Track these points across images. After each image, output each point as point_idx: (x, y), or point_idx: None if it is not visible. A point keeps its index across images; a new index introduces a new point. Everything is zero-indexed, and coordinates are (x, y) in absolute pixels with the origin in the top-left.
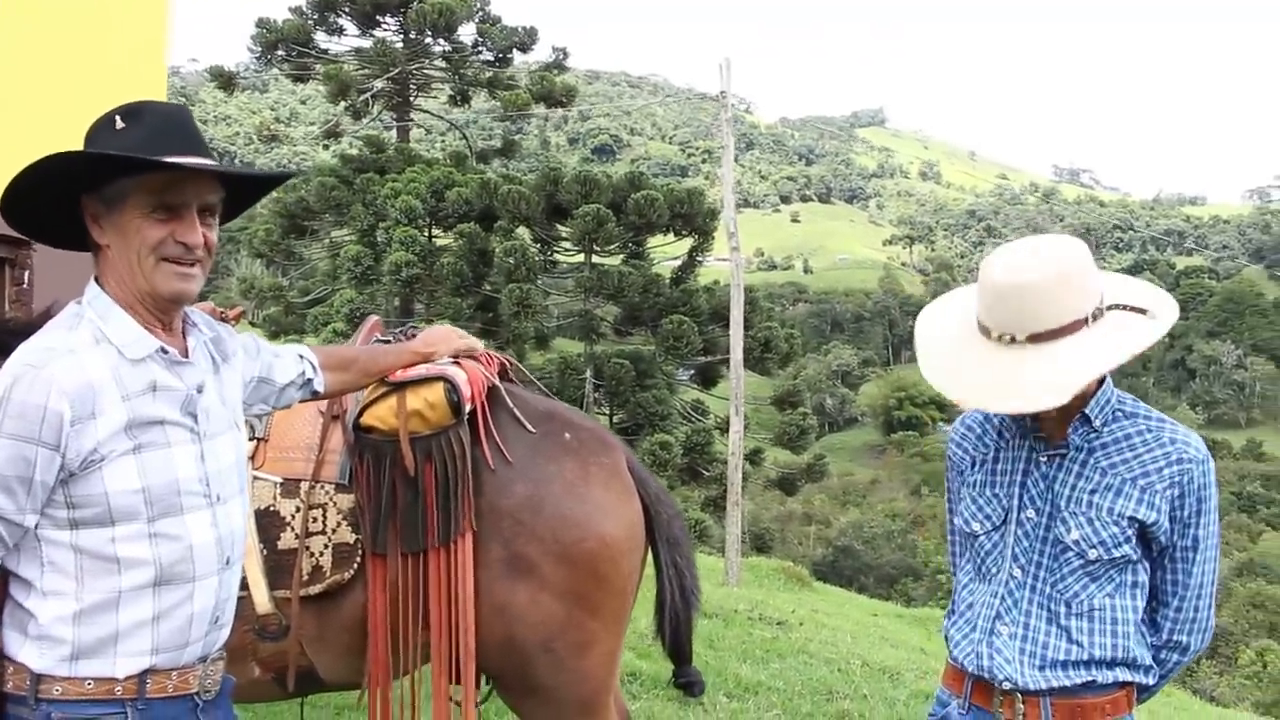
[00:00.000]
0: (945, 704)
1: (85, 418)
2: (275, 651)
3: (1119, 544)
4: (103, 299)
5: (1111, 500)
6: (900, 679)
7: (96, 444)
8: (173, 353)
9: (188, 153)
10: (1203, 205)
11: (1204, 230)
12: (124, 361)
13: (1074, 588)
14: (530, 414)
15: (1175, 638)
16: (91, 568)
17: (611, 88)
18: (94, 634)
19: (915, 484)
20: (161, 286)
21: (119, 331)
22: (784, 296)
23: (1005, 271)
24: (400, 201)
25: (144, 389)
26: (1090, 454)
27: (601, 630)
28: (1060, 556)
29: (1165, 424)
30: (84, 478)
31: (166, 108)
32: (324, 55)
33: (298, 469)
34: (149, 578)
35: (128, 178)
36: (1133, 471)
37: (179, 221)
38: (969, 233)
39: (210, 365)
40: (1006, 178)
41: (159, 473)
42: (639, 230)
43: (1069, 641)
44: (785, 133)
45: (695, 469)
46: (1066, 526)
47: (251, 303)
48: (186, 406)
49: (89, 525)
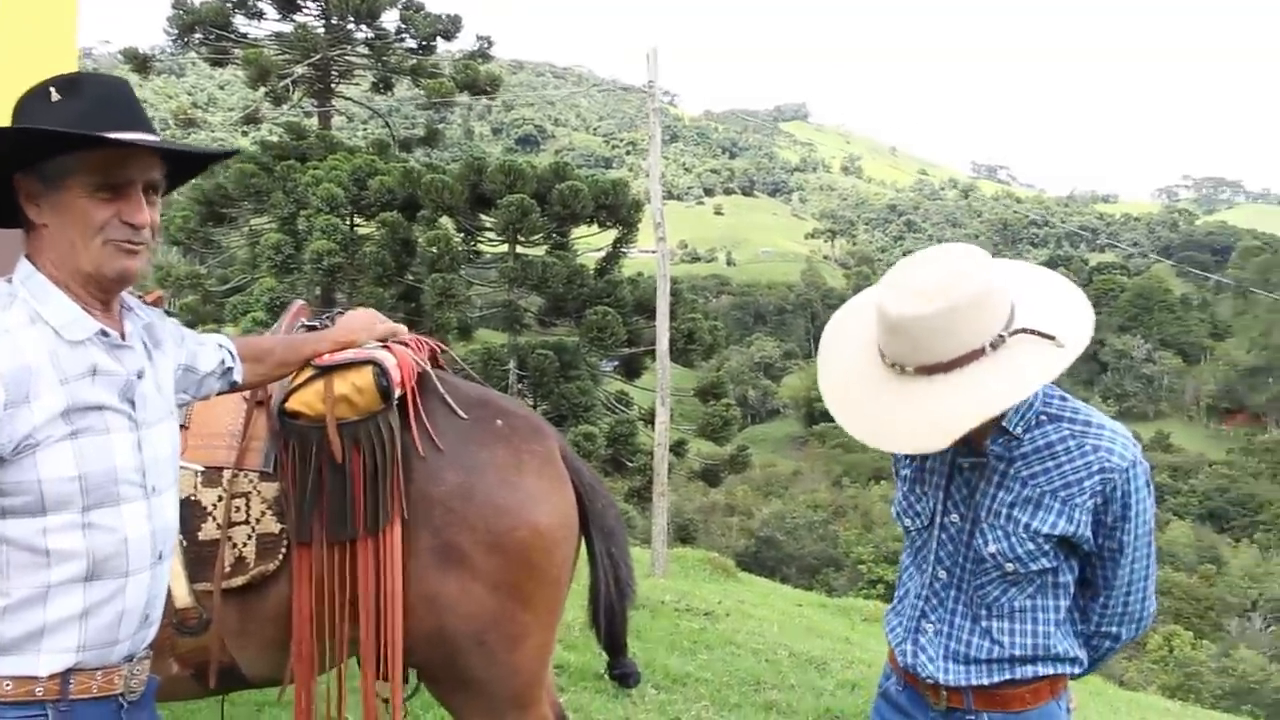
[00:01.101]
0: (887, 677)
1: (20, 401)
2: (195, 647)
3: (1035, 559)
4: (37, 278)
5: (1030, 514)
6: (827, 669)
7: (31, 429)
8: (113, 336)
9: (132, 128)
10: (1115, 203)
11: (1116, 227)
12: (62, 343)
13: (994, 593)
14: (462, 400)
15: (1105, 628)
16: (19, 560)
17: (536, 78)
18: (19, 629)
19: (836, 475)
20: (107, 268)
21: (57, 312)
22: (708, 289)
23: (895, 302)
24: (322, 189)
25: (83, 373)
26: (1010, 464)
27: (534, 622)
28: (979, 565)
29: (1090, 428)
30: (15, 464)
31: (106, 80)
32: (243, 39)
33: (220, 456)
34: (80, 571)
35: (69, 155)
36: (1053, 483)
37: (124, 201)
38: (890, 227)
39: (144, 351)
40: (927, 174)
41: (96, 460)
42: (563, 221)
43: (990, 641)
44: (709, 125)
45: (619, 460)
46: (985, 539)
47: (168, 291)
48: (125, 393)
49: (18, 514)
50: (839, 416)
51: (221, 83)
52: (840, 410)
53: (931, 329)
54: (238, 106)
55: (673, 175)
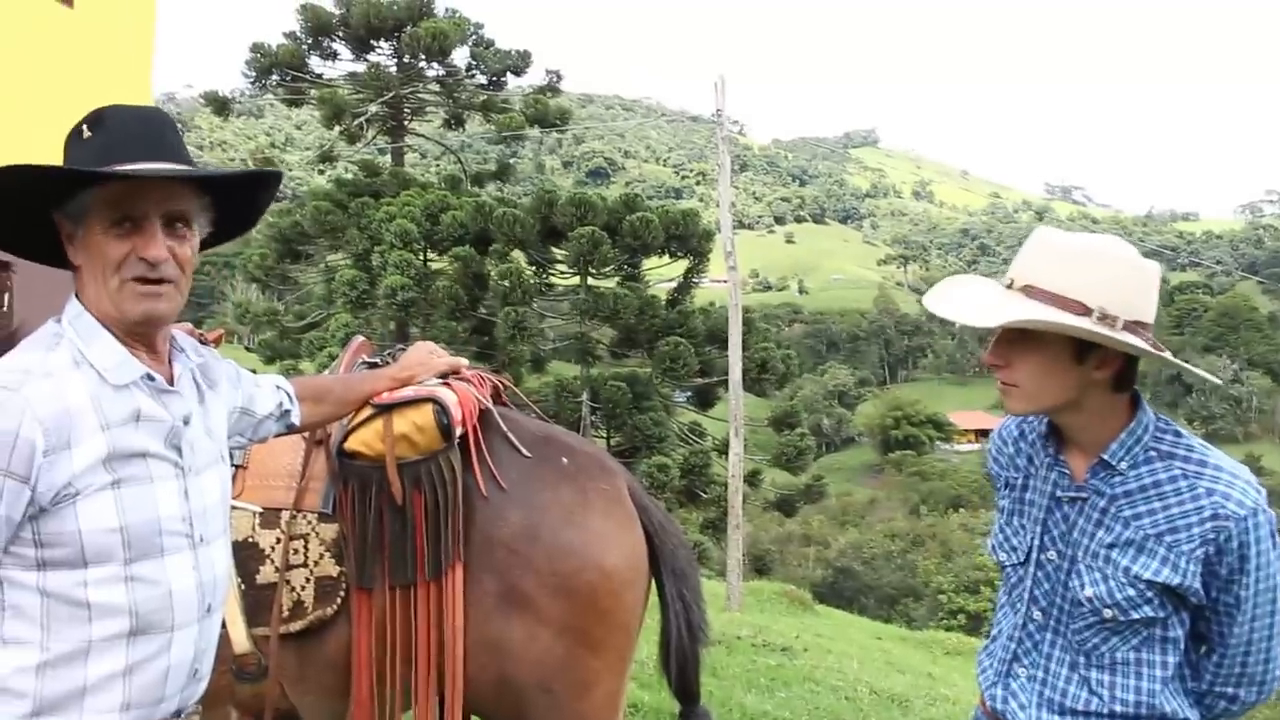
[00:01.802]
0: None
1: (60, 448)
2: (254, 694)
3: (1137, 606)
4: (85, 318)
5: (1131, 558)
6: (909, 707)
7: (71, 477)
8: (159, 380)
9: (151, 158)
10: (1195, 221)
11: (1197, 245)
12: (105, 387)
13: (1093, 640)
14: (525, 437)
15: (1219, 688)
16: (59, 614)
17: (605, 110)
18: (59, 688)
19: (914, 503)
20: (129, 310)
21: (102, 354)
22: (779, 317)
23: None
24: (395, 225)
25: (126, 418)
26: (1112, 501)
27: (604, 669)
28: (1077, 608)
29: (1205, 469)
30: (55, 514)
31: (131, 111)
32: (318, 80)
33: (278, 498)
34: (123, 627)
35: (86, 191)
36: (1158, 526)
37: (140, 235)
38: (963, 251)
39: (196, 394)
40: (999, 196)
41: (139, 510)
42: (634, 252)
43: (1089, 692)
44: (778, 154)
45: (693, 491)
46: (1080, 581)
47: (247, 327)
48: (171, 439)
49: (58, 566)
50: (926, 298)
51: (299, 123)
52: (929, 295)
53: (1067, 253)
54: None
55: (743, 204)
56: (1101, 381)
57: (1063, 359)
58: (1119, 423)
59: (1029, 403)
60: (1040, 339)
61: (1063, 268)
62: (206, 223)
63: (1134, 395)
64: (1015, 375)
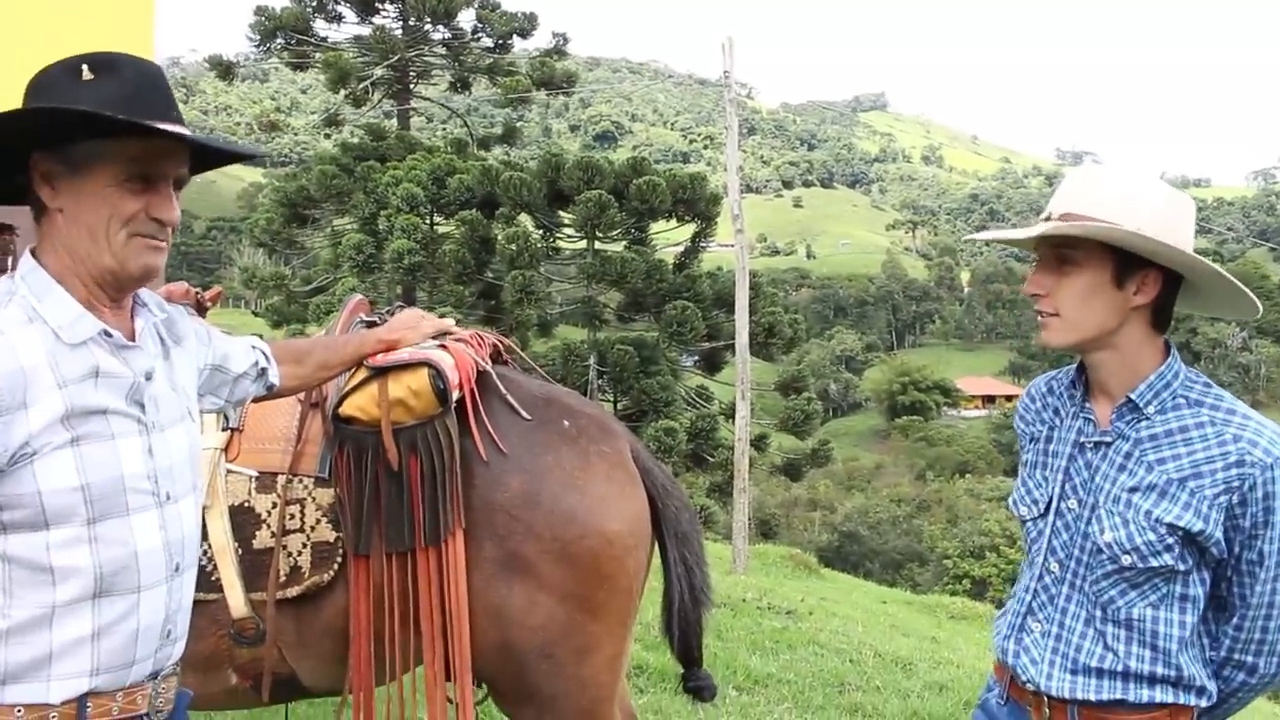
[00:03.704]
0: (990, 689)
1: (15, 407)
2: (254, 657)
3: (1156, 553)
4: (38, 274)
5: (1153, 502)
6: (913, 669)
7: (28, 436)
8: (117, 336)
9: (169, 117)
10: (1206, 187)
11: (1208, 212)
12: (60, 345)
13: (1110, 592)
14: (525, 400)
15: (1236, 656)
16: (22, 579)
17: (612, 74)
18: (24, 655)
19: (920, 469)
20: (132, 263)
21: (56, 311)
22: (787, 282)
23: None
24: (401, 189)
25: (84, 375)
26: (1137, 445)
27: (605, 634)
28: (1095, 557)
29: (1235, 416)
30: (13, 475)
31: (143, 64)
32: (323, 43)
33: (274, 461)
34: (87, 589)
35: (103, 140)
36: (1182, 471)
37: (155, 194)
38: (972, 216)
39: (160, 349)
40: (1009, 161)
41: (100, 468)
42: (641, 216)
43: (1104, 647)
44: (787, 117)
45: (700, 455)
46: (1101, 526)
47: (254, 292)
48: (133, 395)
49: (19, 529)
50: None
51: (304, 87)
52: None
53: (1105, 183)
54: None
55: (751, 168)
56: (1141, 310)
57: (1103, 283)
58: (1150, 366)
59: (1069, 332)
60: (1079, 265)
61: (1101, 196)
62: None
63: (1166, 344)
64: (1056, 302)
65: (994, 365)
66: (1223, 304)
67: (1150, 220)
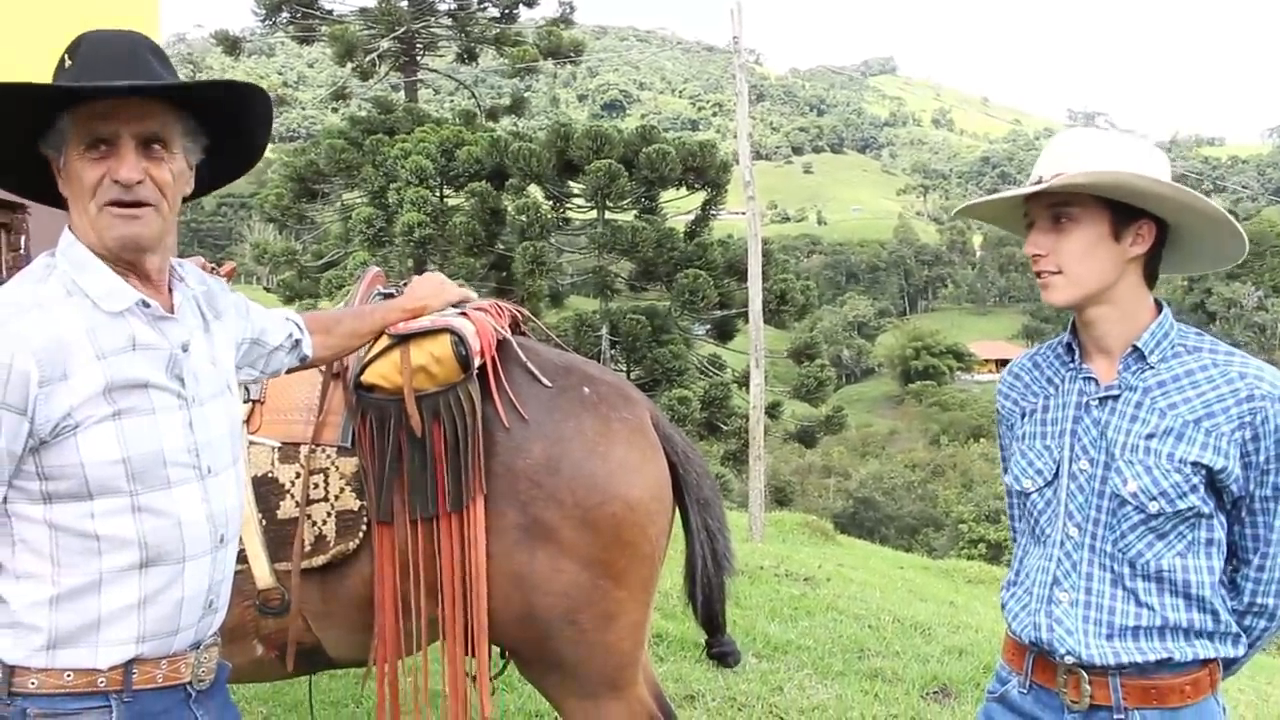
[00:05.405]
0: (1005, 680)
1: (56, 379)
2: (279, 628)
3: (1183, 494)
4: (78, 248)
5: (1172, 445)
6: (932, 634)
7: (70, 409)
8: (155, 306)
9: (127, 78)
10: (1221, 146)
11: (1223, 170)
12: (99, 315)
13: (1137, 546)
14: (546, 368)
15: (1259, 601)
16: (69, 546)
17: (620, 42)
18: (73, 621)
19: (934, 434)
20: (107, 235)
21: (95, 282)
22: (798, 249)
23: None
24: (410, 162)
25: (122, 346)
26: (1146, 394)
27: (628, 600)
28: (1119, 511)
29: (1235, 356)
30: (56, 446)
31: (109, 35)
32: (329, 16)
33: (297, 432)
34: (134, 559)
35: (64, 117)
36: (1195, 412)
37: (115, 158)
38: (983, 180)
39: (200, 322)
40: (1020, 123)
41: (141, 442)
42: (651, 185)
43: (1138, 605)
44: (796, 83)
45: (714, 424)
46: (1122, 477)
47: (265, 267)
48: (172, 368)
49: (64, 499)
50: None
51: (310, 60)
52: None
53: (1088, 142)
54: (326, 84)
55: (760, 135)
56: (1136, 262)
57: (1102, 235)
58: (1148, 317)
59: (1073, 288)
60: (1077, 220)
61: (1090, 154)
62: (197, 149)
63: (1157, 301)
64: (1058, 259)
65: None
66: (1207, 253)
67: (1142, 170)
